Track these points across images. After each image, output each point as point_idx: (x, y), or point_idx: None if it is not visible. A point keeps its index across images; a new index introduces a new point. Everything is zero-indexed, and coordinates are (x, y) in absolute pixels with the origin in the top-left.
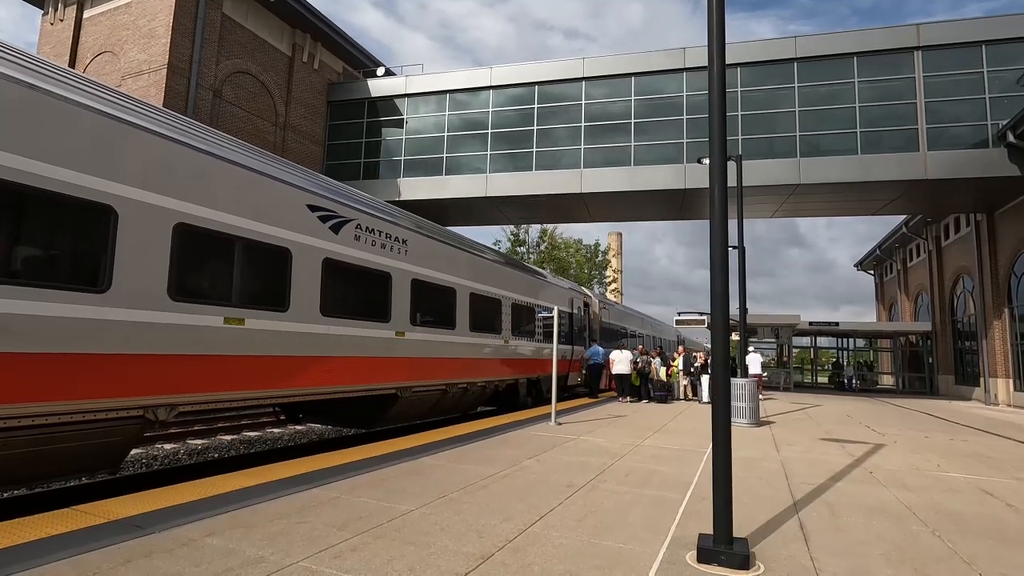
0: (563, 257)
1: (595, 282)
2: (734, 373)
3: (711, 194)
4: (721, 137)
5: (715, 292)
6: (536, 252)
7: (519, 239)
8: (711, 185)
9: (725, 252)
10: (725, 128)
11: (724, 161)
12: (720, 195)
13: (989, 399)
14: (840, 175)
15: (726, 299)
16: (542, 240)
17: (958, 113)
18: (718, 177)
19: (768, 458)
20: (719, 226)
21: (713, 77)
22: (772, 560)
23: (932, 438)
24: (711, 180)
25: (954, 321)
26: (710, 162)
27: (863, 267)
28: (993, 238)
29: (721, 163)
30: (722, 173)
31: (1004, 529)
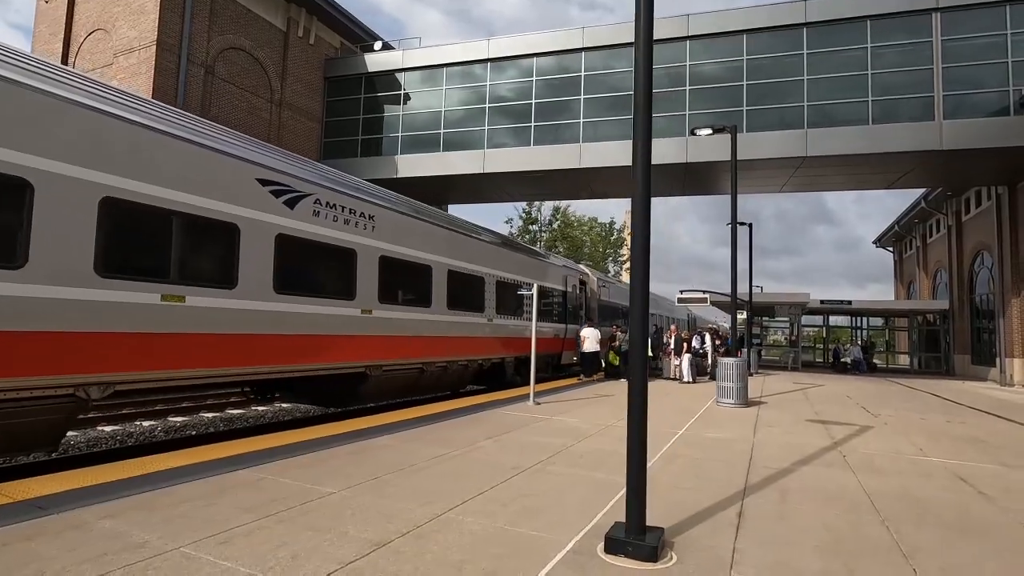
0: (576, 235)
1: (610, 260)
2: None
3: (633, 163)
4: (647, 106)
5: (635, 265)
6: (548, 230)
7: (531, 217)
8: (634, 154)
9: (646, 229)
10: (651, 97)
11: (648, 131)
12: (643, 164)
13: (1005, 380)
14: (850, 146)
15: (646, 272)
16: (555, 218)
17: (978, 79)
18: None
19: (740, 440)
20: (640, 200)
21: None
22: (690, 551)
23: (928, 420)
24: (634, 150)
25: (972, 299)
26: (633, 134)
27: (882, 244)
28: (1014, 212)
29: (645, 134)
30: (645, 140)
31: (965, 519)
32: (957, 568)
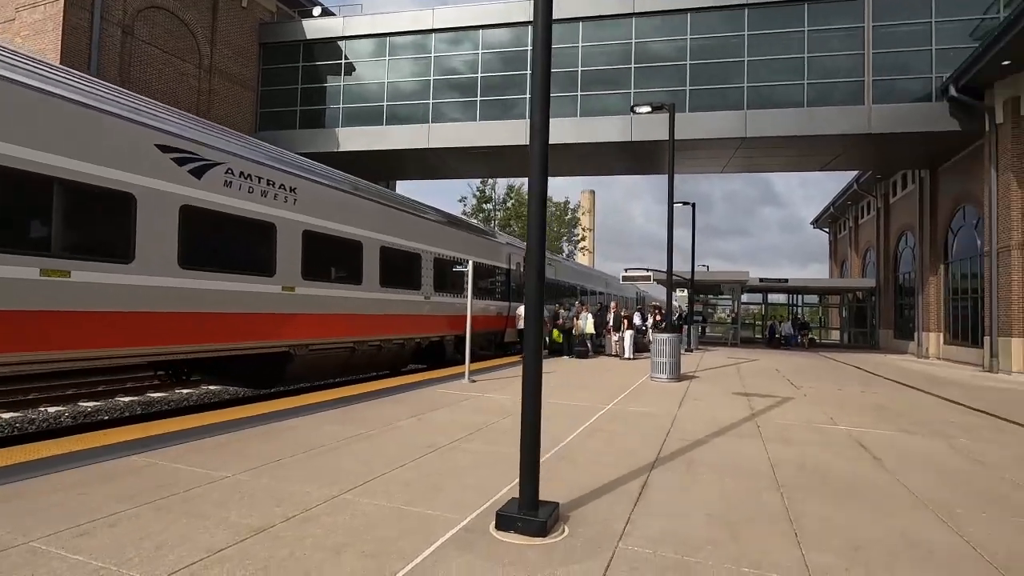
0: None
1: (564, 240)
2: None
3: (531, 142)
4: (544, 85)
5: (531, 243)
6: (503, 209)
7: (484, 195)
8: (531, 135)
9: (542, 210)
10: (549, 76)
11: (546, 114)
12: (540, 143)
13: (921, 352)
14: (786, 128)
15: (541, 250)
16: (509, 197)
17: (904, 65)
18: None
19: (663, 414)
20: (537, 179)
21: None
22: (583, 524)
23: (844, 391)
24: (531, 132)
25: (896, 277)
26: (530, 115)
27: (819, 225)
28: (935, 195)
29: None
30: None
31: (854, 484)
32: (834, 529)
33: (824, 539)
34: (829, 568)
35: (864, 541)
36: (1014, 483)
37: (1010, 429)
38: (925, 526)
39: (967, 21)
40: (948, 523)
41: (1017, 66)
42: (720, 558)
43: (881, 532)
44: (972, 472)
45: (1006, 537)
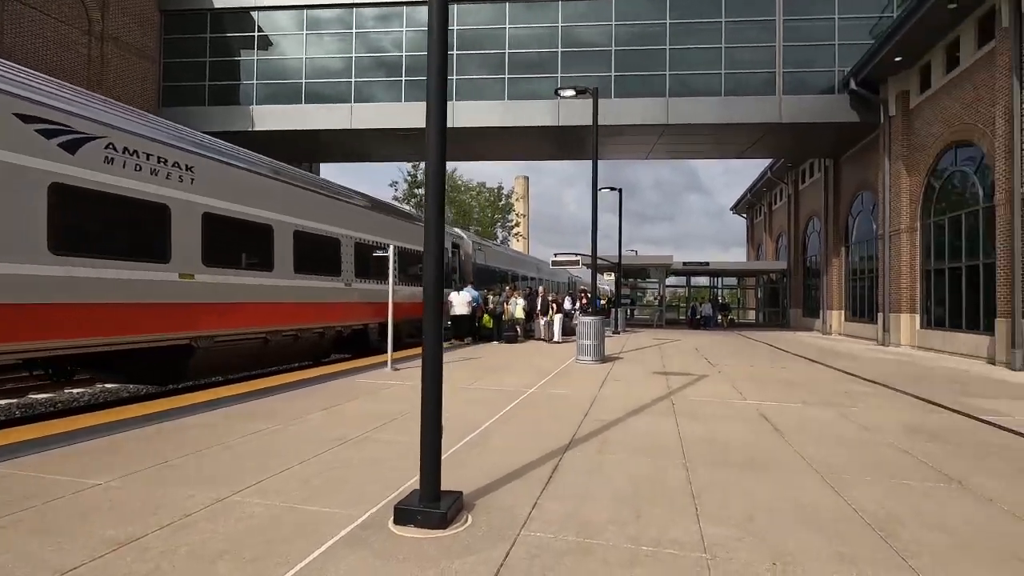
0: (465, 200)
1: (498, 226)
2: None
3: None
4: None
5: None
6: None
7: (416, 180)
8: (427, 119)
9: (441, 194)
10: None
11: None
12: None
13: (825, 329)
14: (705, 116)
15: (440, 232)
16: None
17: (811, 59)
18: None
19: (583, 395)
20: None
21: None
22: (488, 512)
23: (756, 367)
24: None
25: (805, 260)
26: (427, 98)
27: (737, 211)
28: (837, 182)
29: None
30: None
31: (755, 456)
32: (733, 501)
33: (722, 512)
34: (724, 539)
35: (759, 511)
36: (896, 447)
37: (895, 397)
38: (815, 493)
39: (866, 19)
40: (836, 489)
41: (907, 63)
42: (620, 538)
43: (776, 501)
44: (860, 439)
45: (884, 499)
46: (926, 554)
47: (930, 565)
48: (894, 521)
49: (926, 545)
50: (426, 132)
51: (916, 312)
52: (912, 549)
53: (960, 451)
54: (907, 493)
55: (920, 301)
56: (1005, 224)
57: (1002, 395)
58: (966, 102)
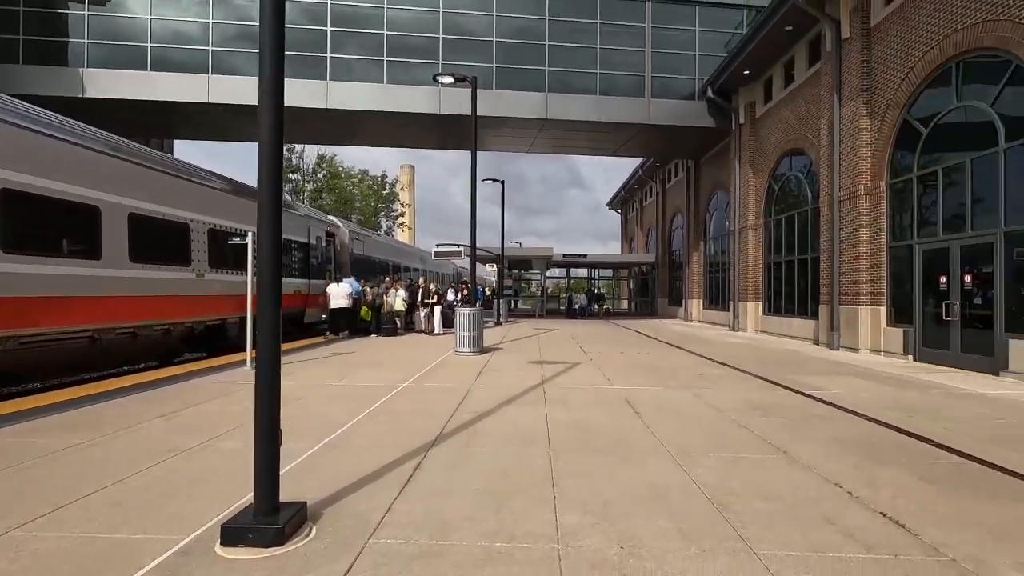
0: (345, 188)
1: (382, 215)
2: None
3: (260, 114)
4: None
5: (263, 209)
6: (312, 180)
7: (289, 164)
8: (260, 102)
9: (277, 173)
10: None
11: (279, 80)
12: (271, 115)
13: (687, 316)
14: (582, 113)
15: (276, 217)
16: (319, 167)
17: (676, 66)
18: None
19: (458, 387)
20: (270, 141)
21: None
22: (336, 520)
23: (626, 354)
24: (260, 97)
25: (670, 253)
26: (259, 82)
27: (613, 206)
28: (697, 182)
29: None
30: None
31: (617, 440)
32: (591, 487)
33: (580, 499)
34: (578, 527)
35: (615, 495)
36: (737, 424)
37: (741, 377)
38: (666, 473)
39: (722, 34)
40: (684, 468)
41: (754, 76)
42: (476, 536)
43: (631, 484)
44: (709, 418)
45: (725, 473)
46: (753, 523)
47: (757, 533)
48: (731, 494)
49: (754, 513)
50: (259, 103)
51: (760, 300)
52: (744, 519)
53: (788, 424)
54: (743, 466)
55: (763, 290)
56: (827, 223)
57: (823, 372)
58: (799, 115)
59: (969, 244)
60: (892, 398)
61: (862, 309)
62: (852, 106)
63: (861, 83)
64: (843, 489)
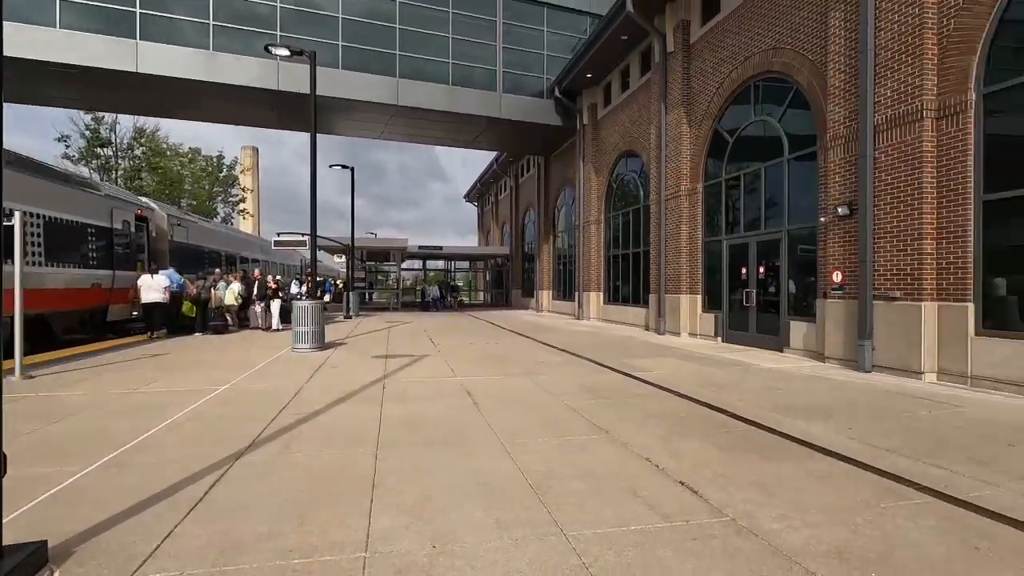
0: (171, 167)
1: (219, 201)
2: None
3: None
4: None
5: None
6: (129, 157)
7: (99, 136)
8: None
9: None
10: None
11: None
12: None
13: (538, 306)
14: (434, 102)
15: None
16: (137, 142)
17: (526, 63)
18: None
19: (287, 388)
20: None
21: None
22: (93, 558)
23: (475, 344)
24: None
25: (523, 246)
26: None
27: (470, 199)
28: (547, 178)
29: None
30: None
31: (451, 432)
32: (414, 484)
33: (399, 498)
34: (390, 531)
35: (437, 490)
36: (569, 407)
37: (579, 362)
38: (493, 462)
39: (570, 37)
40: (512, 455)
41: (596, 80)
42: (269, 555)
43: (456, 476)
44: (543, 403)
45: (549, 457)
46: (568, 504)
47: (569, 513)
48: (552, 477)
49: (570, 495)
50: None
51: (601, 290)
52: (559, 501)
53: (613, 404)
54: (568, 448)
55: (604, 281)
56: (655, 220)
57: (649, 355)
58: (633, 119)
59: (763, 240)
60: (701, 375)
61: (683, 297)
62: (675, 114)
63: (682, 94)
64: (651, 463)
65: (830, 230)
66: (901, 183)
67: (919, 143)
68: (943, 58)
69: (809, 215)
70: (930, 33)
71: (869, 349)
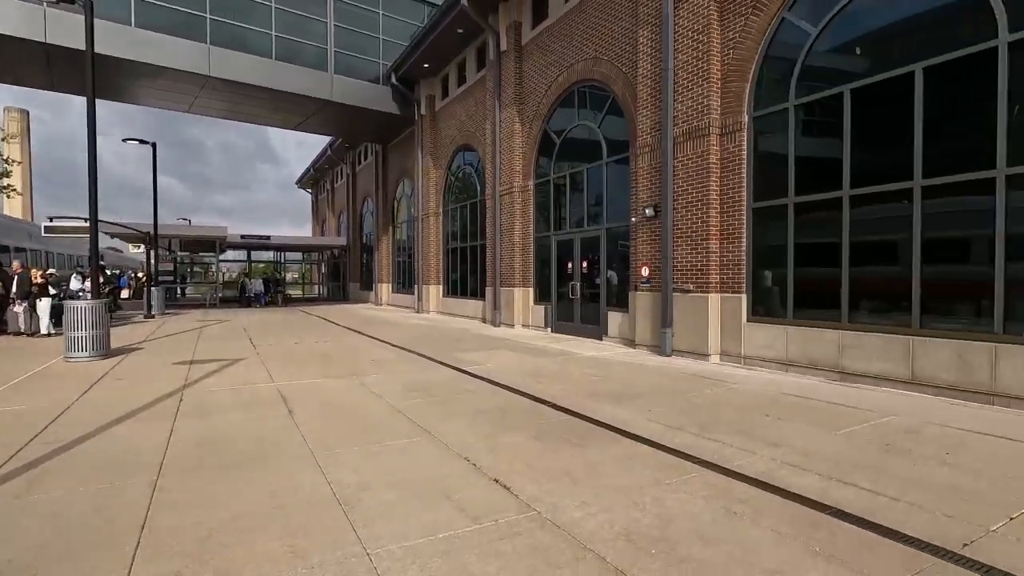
0: None
1: None
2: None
3: None
4: None
5: None
6: None
7: None
8: None
9: None
10: None
11: None
12: None
13: (378, 300)
14: (255, 76)
15: None
16: None
17: (361, 46)
18: None
19: (45, 409)
20: None
21: None
22: None
23: (302, 343)
24: None
25: (362, 237)
26: None
27: (303, 185)
28: (386, 168)
29: None
30: None
31: (253, 450)
32: (192, 516)
33: (174, 538)
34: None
35: (225, 520)
36: (394, 409)
37: (411, 359)
38: (300, 477)
39: (408, 24)
40: (323, 467)
41: (434, 71)
42: None
43: (252, 500)
44: (368, 406)
45: (365, 466)
46: (378, 518)
47: (377, 528)
48: (365, 489)
49: (381, 507)
50: None
51: (440, 283)
52: (368, 516)
53: (440, 402)
54: (386, 455)
55: (443, 274)
56: (491, 215)
57: (483, 348)
58: (470, 113)
59: (586, 237)
60: (529, 366)
61: (516, 290)
62: (509, 112)
63: (515, 93)
64: (469, 462)
65: (640, 229)
66: (694, 190)
67: (707, 156)
68: (725, 83)
69: (624, 215)
70: (716, 60)
71: (670, 336)
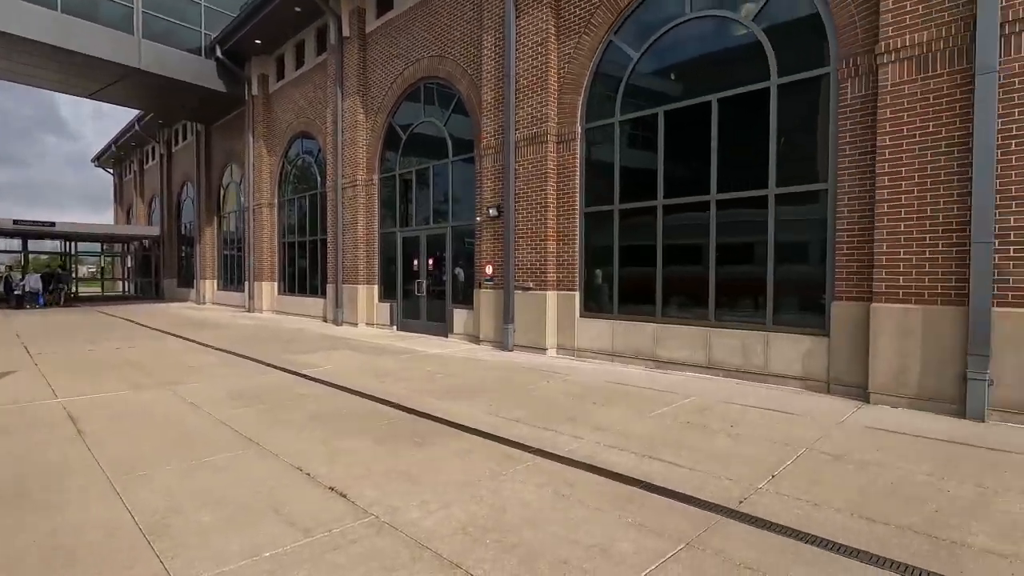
0: None
1: None
2: None
3: None
4: None
5: None
6: None
7: None
8: None
9: None
10: None
11: None
12: None
13: (200, 299)
14: (36, 31)
15: None
16: None
17: (179, 11)
18: None
19: None
20: None
21: None
22: None
23: (97, 350)
24: None
25: (179, 226)
26: None
27: (102, 164)
28: (209, 150)
29: None
30: None
31: (22, 484)
32: None
33: None
34: None
35: None
36: (215, 419)
37: (237, 363)
38: (92, 509)
39: None
40: (122, 494)
41: (267, 49)
42: None
43: (18, 546)
44: (183, 419)
45: (177, 490)
46: (189, 545)
47: (189, 555)
48: (176, 513)
49: (194, 532)
50: None
51: (275, 280)
52: (178, 544)
53: (271, 409)
54: (203, 472)
55: (279, 270)
56: (332, 208)
57: (322, 348)
58: (309, 99)
59: (432, 234)
60: (371, 366)
61: (360, 287)
62: (352, 101)
63: (359, 82)
64: (303, 472)
65: (484, 229)
66: (534, 193)
67: (545, 162)
68: (561, 94)
69: (471, 214)
70: (553, 71)
71: (512, 331)
